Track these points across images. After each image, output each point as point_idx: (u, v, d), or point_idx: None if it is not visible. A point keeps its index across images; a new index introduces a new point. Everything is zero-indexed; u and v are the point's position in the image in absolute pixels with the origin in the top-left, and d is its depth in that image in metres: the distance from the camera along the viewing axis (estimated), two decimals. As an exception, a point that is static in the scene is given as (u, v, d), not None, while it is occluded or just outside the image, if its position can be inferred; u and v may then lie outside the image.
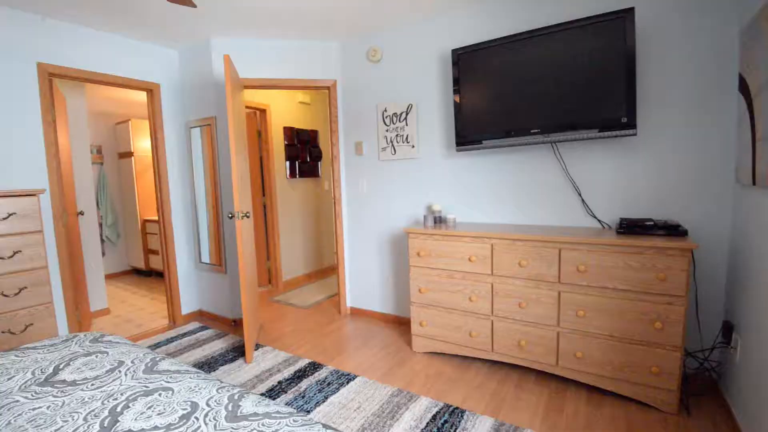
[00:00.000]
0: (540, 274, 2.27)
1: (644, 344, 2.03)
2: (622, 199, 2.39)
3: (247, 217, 2.88)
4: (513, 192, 2.75)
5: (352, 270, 3.68)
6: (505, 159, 2.75)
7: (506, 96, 2.51)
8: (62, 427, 1.13)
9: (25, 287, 2.36)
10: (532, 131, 2.43)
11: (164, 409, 1.20)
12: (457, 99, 2.69)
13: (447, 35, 2.91)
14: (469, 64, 2.62)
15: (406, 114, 3.14)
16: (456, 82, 2.69)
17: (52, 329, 2.48)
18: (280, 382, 2.44)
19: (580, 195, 2.50)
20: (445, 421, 1.99)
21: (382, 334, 3.19)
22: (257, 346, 2.99)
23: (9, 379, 1.45)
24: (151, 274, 5.54)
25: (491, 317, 2.46)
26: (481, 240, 2.45)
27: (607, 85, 2.19)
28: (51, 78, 2.83)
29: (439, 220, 2.92)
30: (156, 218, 5.19)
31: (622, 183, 2.38)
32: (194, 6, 1.93)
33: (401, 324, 3.38)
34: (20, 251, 2.34)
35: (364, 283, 3.61)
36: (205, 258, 3.63)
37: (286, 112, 4.75)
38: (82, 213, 3.61)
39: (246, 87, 3.35)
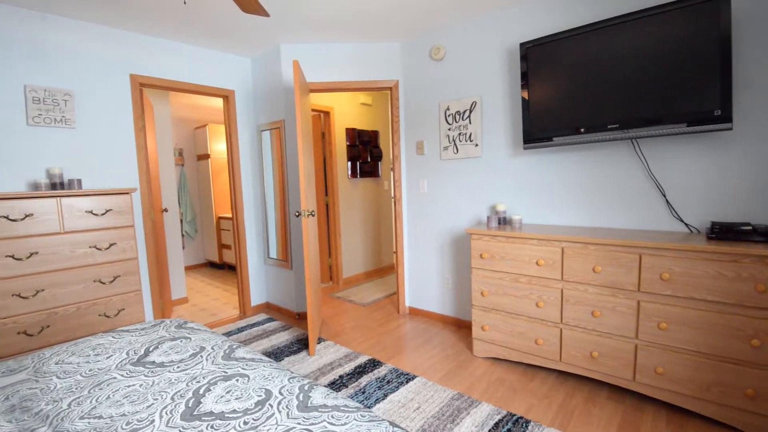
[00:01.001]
0: (617, 281, 2.12)
1: (738, 363, 1.82)
2: (713, 200, 2.16)
3: (313, 215, 2.98)
4: (585, 192, 2.59)
5: (411, 270, 3.68)
6: (577, 157, 2.60)
7: (580, 90, 2.37)
8: (153, 404, 1.24)
9: (119, 276, 2.63)
10: (609, 126, 2.27)
11: (241, 394, 1.28)
12: (525, 95, 2.59)
13: (513, 29, 2.81)
14: (538, 58, 2.51)
15: (470, 112, 3.08)
16: (524, 76, 2.59)
17: (139, 314, 2.74)
18: (341, 377, 2.50)
19: (664, 196, 2.30)
20: (509, 430, 1.92)
21: (442, 335, 3.15)
22: (319, 340, 3.08)
23: (108, 357, 1.62)
24: (224, 267, 5.93)
25: (560, 325, 2.34)
26: (550, 243, 2.33)
27: (697, 74, 1.99)
28: (141, 88, 3.12)
29: (503, 221, 2.83)
30: (229, 216, 5.55)
31: (714, 183, 2.15)
32: (267, 15, 2.03)
33: (461, 327, 3.32)
34: (115, 243, 2.61)
35: (423, 283, 3.59)
36: (273, 254, 3.81)
37: (348, 113, 4.86)
38: (166, 210, 3.94)
39: (312, 90, 3.47)
